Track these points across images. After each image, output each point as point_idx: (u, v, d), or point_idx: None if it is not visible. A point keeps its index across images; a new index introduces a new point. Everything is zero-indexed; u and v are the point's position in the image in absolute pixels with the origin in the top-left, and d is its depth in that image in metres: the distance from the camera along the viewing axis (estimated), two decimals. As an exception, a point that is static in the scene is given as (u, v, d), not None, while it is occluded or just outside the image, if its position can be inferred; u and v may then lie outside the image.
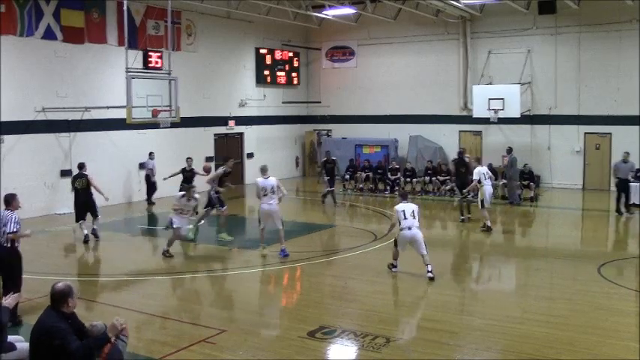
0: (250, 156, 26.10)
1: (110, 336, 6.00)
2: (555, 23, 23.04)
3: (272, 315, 10.12)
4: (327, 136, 28.59)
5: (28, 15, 17.66)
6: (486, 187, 15.93)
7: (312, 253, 12.60)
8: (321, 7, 24.30)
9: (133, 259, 14.42)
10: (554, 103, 23.53)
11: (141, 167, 21.14)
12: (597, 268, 12.07)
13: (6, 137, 17.38)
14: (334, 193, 20.56)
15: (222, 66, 24.41)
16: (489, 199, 16.11)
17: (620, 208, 17.69)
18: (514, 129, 23.94)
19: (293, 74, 27.72)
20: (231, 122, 24.99)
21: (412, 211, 11.48)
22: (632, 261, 12.90)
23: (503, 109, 22.22)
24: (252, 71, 25.91)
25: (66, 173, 18.81)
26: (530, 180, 21.25)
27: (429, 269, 11.22)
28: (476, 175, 16.08)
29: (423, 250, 11.37)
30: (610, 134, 22.71)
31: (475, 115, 23.35)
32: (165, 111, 17.25)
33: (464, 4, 22.04)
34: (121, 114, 17.34)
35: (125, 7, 17.34)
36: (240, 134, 25.77)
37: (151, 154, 21.02)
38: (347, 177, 23.97)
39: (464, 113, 25.14)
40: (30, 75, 17.97)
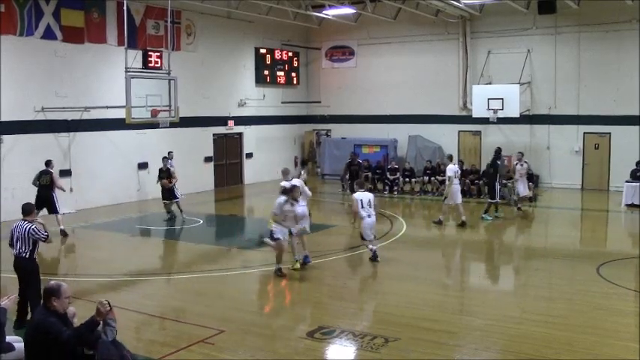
0: (249, 156, 26.11)
1: (98, 319, 6.03)
2: (555, 23, 23.04)
3: (271, 315, 10.12)
4: (327, 136, 28.60)
5: (28, 15, 17.65)
6: (455, 186, 16.60)
7: (312, 253, 12.59)
8: (320, 7, 24.30)
9: (133, 259, 14.43)
10: (554, 103, 23.53)
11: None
12: (596, 268, 12.08)
13: (5, 137, 17.38)
14: None
15: (222, 66, 24.41)
16: (458, 198, 16.68)
17: None
18: (513, 129, 23.94)
19: (293, 74, 27.71)
20: (230, 122, 24.99)
21: (369, 200, 12.45)
22: (632, 261, 12.90)
23: (502, 109, 22.22)
24: (252, 71, 25.90)
25: (65, 173, 18.83)
26: (529, 180, 21.23)
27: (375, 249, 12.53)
28: (449, 172, 16.65)
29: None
30: (609, 134, 22.73)
31: (474, 115, 23.36)
32: (164, 111, 17.25)
33: (464, 4, 22.04)
34: (120, 114, 17.35)
35: (125, 7, 17.34)
36: (240, 134, 25.76)
37: (169, 153, 21.11)
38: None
39: (463, 113, 25.14)
40: (29, 75, 17.96)
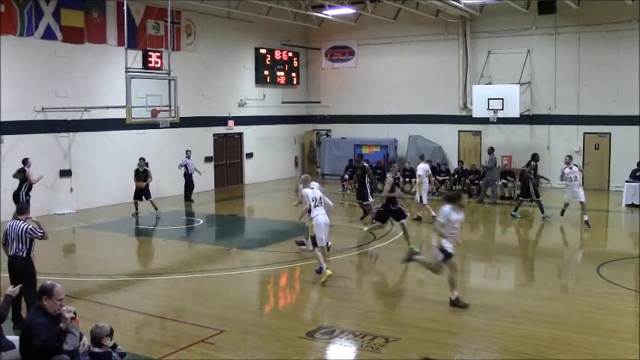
0: (250, 156, 26.11)
1: (62, 327, 6.02)
2: (555, 23, 23.04)
3: (271, 315, 10.12)
4: (327, 136, 28.61)
5: (28, 15, 17.65)
6: (425, 185, 17.41)
7: (312, 253, 12.59)
8: (320, 7, 24.29)
9: (133, 259, 14.45)
10: (554, 103, 23.53)
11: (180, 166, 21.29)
12: (596, 268, 12.08)
13: (6, 137, 17.38)
14: (369, 207, 16.56)
15: (222, 66, 24.41)
16: (426, 197, 17.32)
17: None
18: (513, 129, 23.95)
19: (293, 74, 27.70)
20: (230, 122, 24.99)
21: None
22: (632, 261, 12.90)
23: (502, 109, 22.22)
24: (252, 71, 25.90)
25: (65, 173, 18.85)
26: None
27: (329, 244, 12.48)
28: (420, 170, 17.26)
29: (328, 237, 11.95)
30: (609, 134, 22.72)
31: (475, 115, 23.36)
32: (164, 111, 17.26)
33: (464, 4, 22.04)
34: (120, 114, 17.35)
35: (125, 7, 17.35)
36: (240, 134, 25.76)
37: (187, 152, 21.42)
38: (346, 177, 23.98)
39: (463, 113, 25.14)
40: (30, 75, 17.96)
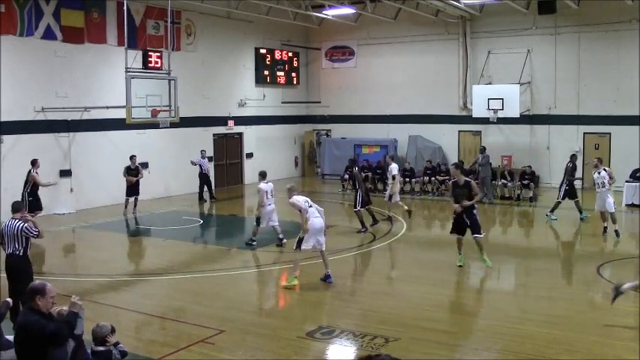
0: (250, 156, 26.11)
1: (74, 311, 6.09)
2: (555, 23, 23.03)
3: (271, 315, 10.12)
4: (327, 136, 28.60)
5: (28, 15, 17.65)
6: (398, 185, 17.75)
7: (311, 253, 12.58)
8: (320, 7, 24.29)
9: (133, 259, 14.45)
10: (554, 103, 23.53)
11: (194, 164, 21.38)
12: (596, 268, 12.08)
13: (6, 137, 17.38)
14: (359, 214, 16.02)
15: (222, 66, 24.40)
16: (397, 196, 17.44)
17: None
18: (513, 129, 23.94)
19: (292, 74, 27.70)
20: (230, 122, 24.98)
21: (271, 190, 13.79)
22: (632, 261, 12.89)
23: (502, 109, 22.19)
24: (252, 71, 25.90)
25: (65, 173, 18.84)
26: (530, 180, 21.28)
27: (282, 237, 13.93)
28: (394, 170, 17.31)
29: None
30: (609, 134, 22.72)
31: (475, 115, 23.34)
32: (164, 111, 17.27)
33: (464, 4, 22.04)
34: (120, 114, 17.36)
35: (125, 7, 17.35)
36: (240, 134, 25.76)
37: (202, 152, 21.72)
38: (346, 177, 23.98)
39: (463, 113, 25.13)
40: (30, 75, 17.95)
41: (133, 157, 18.71)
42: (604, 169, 15.48)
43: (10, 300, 6.93)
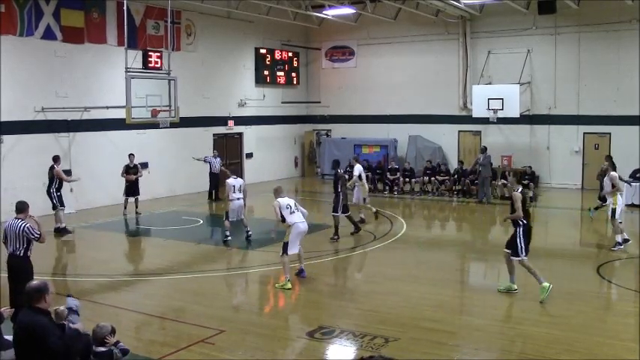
0: (249, 156, 26.10)
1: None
2: (555, 23, 23.04)
3: (271, 315, 10.13)
4: (327, 136, 28.60)
5: (28, 15, 17.64)
6: (365, 186, 17.79)
7: (311, 253, 12.60)
8: (320, 7, 24.29)
9: (133, 259, 14.45)
10: (554, 103, 23.53)
11: (205, 161, 21.51)
12: (596, 268, 12.08)
13: (6, 137, 17.37)
14: (337, 219, 15.15)
15: (222, 66, 24.40)
16: (361, 197, 17.41)
17: None
18: (513, 129, 23.94)
19: (292, 74, 27.70)
20: (230, 122, 24.98)
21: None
22: (632, 261, 12.90)
23: (502, 109, 22.19)
24: (252, 71, 25.89)
25: (66, 173, 18.76)
26: (530, 180, 21.29)
27: (248, 229, 14.55)
28: (357, 171, 17.30)
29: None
30: (609, 134, 22.72)
31: (474, 115, 23.34)
32: (164, 111, 17.26)
33: (464, 4, 22.04)
34: (120, 114, 17.35)
35: (125, 7, 17.34)
36: (240, 134, 25.76)
37: (214, 152, 21.98)
38: (346, 177, 23.92)
39: (463, 113, 25.14)
40: (29, 75, 17.95)
41: (131, 156, 18.74)
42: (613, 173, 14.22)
43: (9, 310, 6.93)
